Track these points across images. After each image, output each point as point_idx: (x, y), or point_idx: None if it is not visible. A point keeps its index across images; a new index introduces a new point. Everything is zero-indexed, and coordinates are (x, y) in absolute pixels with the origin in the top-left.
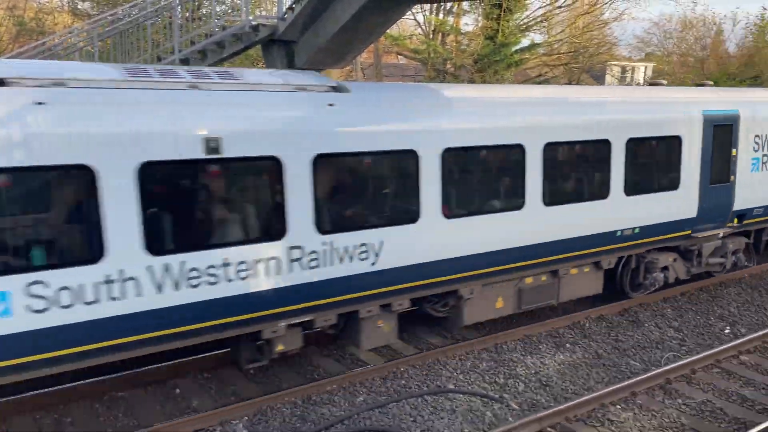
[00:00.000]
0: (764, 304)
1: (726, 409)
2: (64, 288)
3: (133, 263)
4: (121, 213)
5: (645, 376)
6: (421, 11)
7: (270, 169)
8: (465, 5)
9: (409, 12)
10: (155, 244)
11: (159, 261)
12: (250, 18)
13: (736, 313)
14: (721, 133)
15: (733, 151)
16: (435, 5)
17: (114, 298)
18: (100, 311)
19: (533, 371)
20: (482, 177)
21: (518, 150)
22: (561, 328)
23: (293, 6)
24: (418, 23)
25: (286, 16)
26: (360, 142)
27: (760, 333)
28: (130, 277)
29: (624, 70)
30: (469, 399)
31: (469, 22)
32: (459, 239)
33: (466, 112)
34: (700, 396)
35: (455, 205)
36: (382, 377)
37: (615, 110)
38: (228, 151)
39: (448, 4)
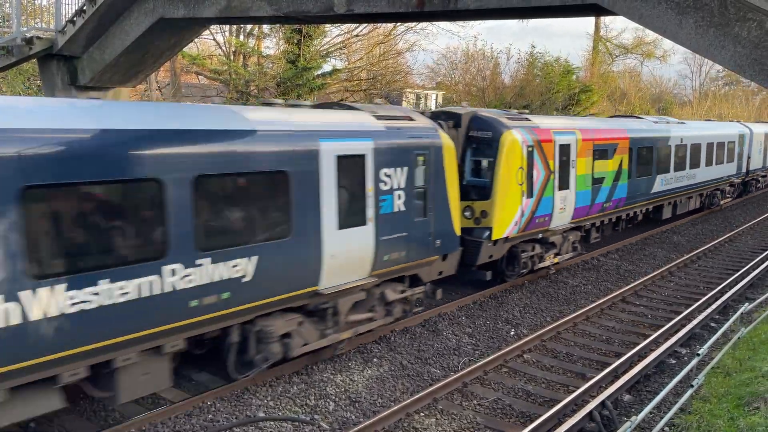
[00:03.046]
0: (541, 306)
1: (514, 405)
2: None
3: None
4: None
5: (444, 382)
6: (221, 32)
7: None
8: (266, 28)
9: (208, 32)
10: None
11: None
12: (23, 29)
13: (519, 316)
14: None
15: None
16: (235, 27)
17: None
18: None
19: (343, 389)
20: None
21: None
22: (369, 343)
23: (75, 19)
24: (218, 44)
25: (65, 29)
26: None
27: (539, 332)
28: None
29: (418, 97)
30: (279, 425)
31: (270, 45)
32: None
33: None
34: (492, 395)
35: None
36: (188, 414)
37: None
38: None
39: (248, 27)
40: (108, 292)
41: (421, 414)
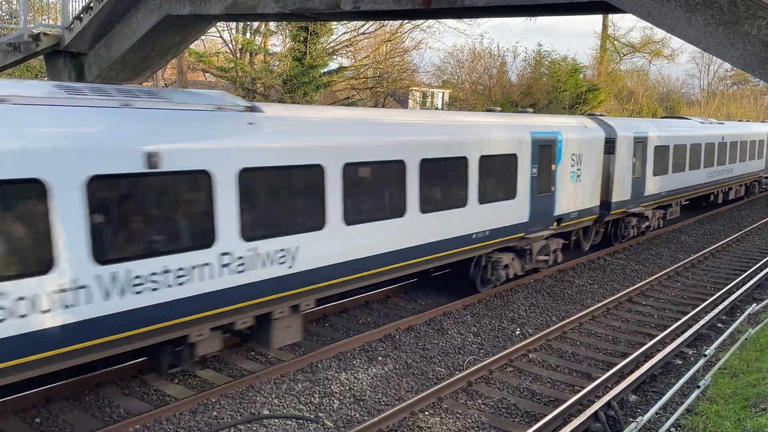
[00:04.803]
0: (547, 306)
1: (519, 405)
2: None
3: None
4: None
5: (449, 381)
6: (227, 29)
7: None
8: (272, 26)
9: (214, 30)
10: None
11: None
12: (30, 26)
13: (525, 315)
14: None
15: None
16: (241, 24)
17: None
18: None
19: (348, 387)
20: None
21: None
22: (373, 341)
23: (81, 16)
24: (225, 41)
25: (72, 26)
26: None
27: (545, 332)
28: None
29: (424, 95)
30: (284, 423)
31: (276, 43)
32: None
33: None
34: (497, 394)
35: None
36: (192, 411)
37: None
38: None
39: (255, 24)
40: None
41: (426, 413)
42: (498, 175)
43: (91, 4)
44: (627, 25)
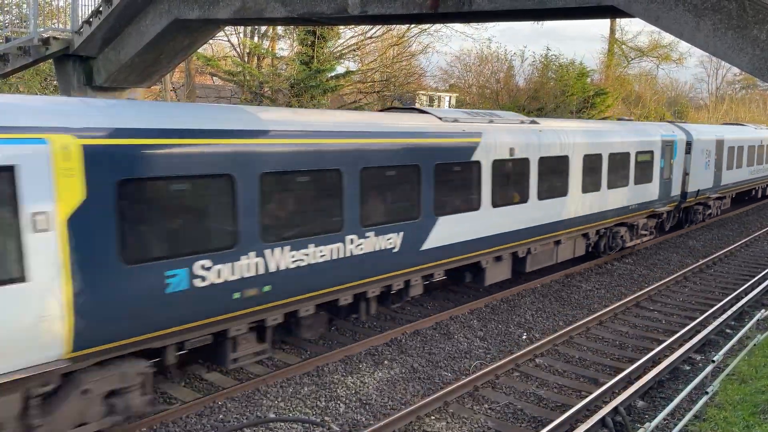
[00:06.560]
0: (554, 310)
1: (525, 410)
2: None
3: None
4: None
5: (455, 385)
6: (236, 33)
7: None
8: (279, 30)
9: (222, 33)
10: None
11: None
12: (40, 30)
13: (531, 320)
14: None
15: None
16: (249, 28)
17: None
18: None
19: (354, 391)
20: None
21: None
22: (380, 345)
23: (90, 20)
24: (233, 45)
25: (81, 30)
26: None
27: (551, 337)
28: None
29: (431, 99)
30: (290, 426)
31: (284, 47)
32: None
33: None
34: (503, 399)
35: None
36: (198, 413)
37: None
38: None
39: (262, 28)
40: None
41: (432, 417)
42: None
43: (101, 8)
44: (635, 28)
